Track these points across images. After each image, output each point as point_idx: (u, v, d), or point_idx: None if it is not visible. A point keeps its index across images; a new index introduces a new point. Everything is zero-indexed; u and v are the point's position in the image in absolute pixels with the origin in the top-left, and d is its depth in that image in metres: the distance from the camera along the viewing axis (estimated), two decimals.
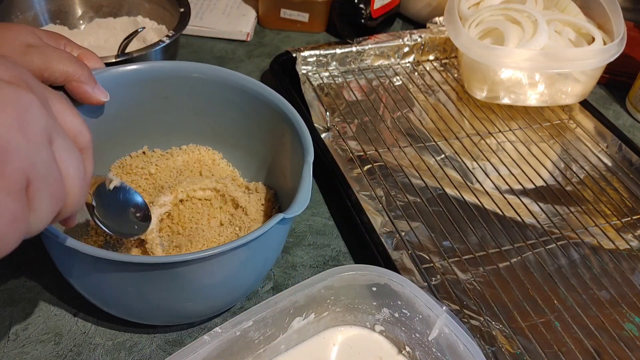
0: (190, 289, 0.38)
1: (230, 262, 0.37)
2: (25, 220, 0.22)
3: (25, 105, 0.22)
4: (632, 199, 0.59)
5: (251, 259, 0.39)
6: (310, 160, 0.42)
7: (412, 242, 0.51)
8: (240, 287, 0.42)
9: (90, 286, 0.39)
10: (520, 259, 0.51)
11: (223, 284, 0.40)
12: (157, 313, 0.41)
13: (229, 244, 0.35)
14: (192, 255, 0.35)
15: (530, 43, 0.62)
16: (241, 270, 0.39)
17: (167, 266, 0.35)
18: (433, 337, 0.38)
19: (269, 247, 0.41)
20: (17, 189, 0.21)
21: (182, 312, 0.42)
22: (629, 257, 0.52)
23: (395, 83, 0.72)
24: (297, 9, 0.79)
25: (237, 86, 0.48)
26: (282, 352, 0.41)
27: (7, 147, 0.20)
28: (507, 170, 0.60)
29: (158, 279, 0.36)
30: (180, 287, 0.37)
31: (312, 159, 0.42)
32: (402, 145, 0.62)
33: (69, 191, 0.24)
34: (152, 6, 0.70)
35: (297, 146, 0.44)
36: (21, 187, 0.21)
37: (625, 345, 0.45)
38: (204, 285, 0.38)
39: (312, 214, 0.56)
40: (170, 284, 0.37)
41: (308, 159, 0.42)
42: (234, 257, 0.37)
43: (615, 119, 0.71)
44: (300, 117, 0.45)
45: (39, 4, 0.67)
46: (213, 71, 0.48)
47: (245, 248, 0.36)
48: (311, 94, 0.67)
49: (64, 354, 0.42)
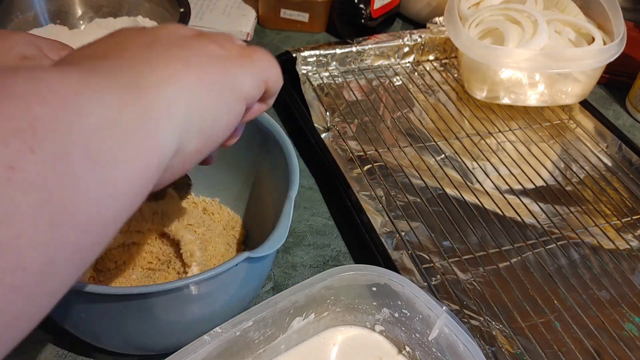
0: (150, 322, 0.36)
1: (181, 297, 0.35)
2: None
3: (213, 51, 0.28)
4: (632, 199, 0.59)
5: (213, 298, 0.37)
6: (292, 195, 0.38)
7: (412, 242, 0.51)
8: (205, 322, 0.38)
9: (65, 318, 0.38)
10: (520, 259, 0.51)
11: (186, 320, 0.37)
12: (120, 341, 0.39)
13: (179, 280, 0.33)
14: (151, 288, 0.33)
15: (530, 43, 0.62)
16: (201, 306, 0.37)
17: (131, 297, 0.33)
18: (433, 337, 0.38)
19: (235, 285, 0.38)
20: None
21: (140, 343, 0.40)
22: (629, 257, 0.52)
23: (395, 83, 0.72)
24: (297, 9, 0.79)
25: None
26: (282, 352, 0.41)
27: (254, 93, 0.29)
28: (507, 170, 0.60)
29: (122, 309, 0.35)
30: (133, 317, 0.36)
31: (294, 194, 0.39)
32: (402, 145, 0.62)
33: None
34: (152, 6, 0.70)
35: (281, 176, 0.41)
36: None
37: (625, 345, 0.45)
38: (165, 320, 0.37)
39: (312, 214, 0.56)
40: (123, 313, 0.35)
41: (290, 193, 0.39)
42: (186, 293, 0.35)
43: (615, 119, 0.71)
44: (291, 145, 0.42)
45: (39, 4, 0.67)
46: None
47: (203, 284, 0.34)
48: (311, 94, 0.67)
49: (64, 353, 0.42)
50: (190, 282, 0.33)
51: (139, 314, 0.35)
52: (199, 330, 0.35)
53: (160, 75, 0.24)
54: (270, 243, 0.35)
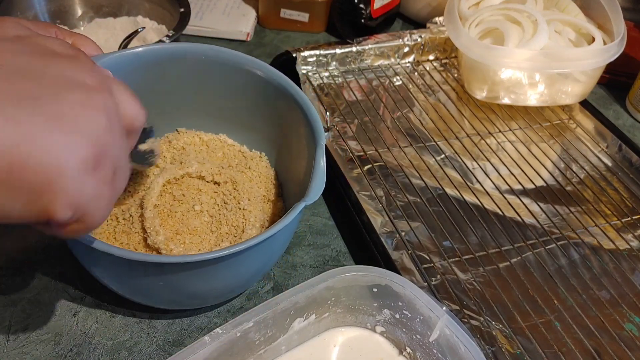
0: (213, 279, 0.39)
1: (254, 254, 0.38)
2: (114, 201, 0.27)
3: (110, 108, 0.26)
4: (632, 199, 0.59)
5: (270, 249, 0.40)
6: (322, 144, 0.41)
7: (412, 242, 0.51)
8: (254, 275, 0.44)
9: (114, 281, 0.40)
10: (520, 259, 0.51)
11: (243, 273, 0.41)
12: (174, 300, 0.42)
13: (254, 238, 0.36)
14: (223, 251, 0.35)
15: (530, 43, 0.62)
16: (258, 259, 0.40)
17: (197, 264, 0.36)
18: (434, 339, 0.39)
19: (287, 236, 0.43)
20: (109, 179, 0.26)
21: (200, 297, 0.42)
22: (629, 257, 0.52)
23: (395, 83, 0.72)
24: (297, 9, 0.79)
25: (239, 66, 0.47)
26: (282, 353, 0.41)
27: (105, 148, 0.25)
28: (507, 170, 0.60)
29: (185, 274, 0.37)
30: (203, 279, 0.38)
31: (324, 142, 0.41)
32: (402, 145, 0.62)
33: None
34: (152, 6, 0.70)
35: (308, 130, 0.43)
36: (112, 177, 0.26)
37: (625, 345, 0.45)
38: (227, 276, 0.39)
39: (312, 214, 0.56)
40: (196, 276, 0.37)
41: (320, 142, 0.41)
42: (260, 248, 0.38)
43: (615, 119, 0.72)
44: (308, 100, 0.45)
45: (39, 4, 0.67)
46: (213, 51, 0.47)
47: (270, 240, 0.37)
48: (311, 94, 0.67)
49: (64, 354, 0.42)
50: (268, 236, 0.36)
51: (208, 273, 0.38)
52: (247, 282, 0.43)
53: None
54: (315, 190, 0.38)
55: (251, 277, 0.43)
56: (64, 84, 0.25)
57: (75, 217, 0.25)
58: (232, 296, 0.46)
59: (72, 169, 0.23)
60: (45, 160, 0.23)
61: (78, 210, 0.25)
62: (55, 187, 0.23)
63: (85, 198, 0.25)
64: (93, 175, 0.25)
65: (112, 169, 0.26)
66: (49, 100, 0.24)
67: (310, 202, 0.37)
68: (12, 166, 0.22)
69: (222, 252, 0.35)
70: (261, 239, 0.36)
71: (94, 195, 0.25)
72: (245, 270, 0.40)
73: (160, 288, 0.39)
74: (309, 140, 0.43)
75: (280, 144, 0.51)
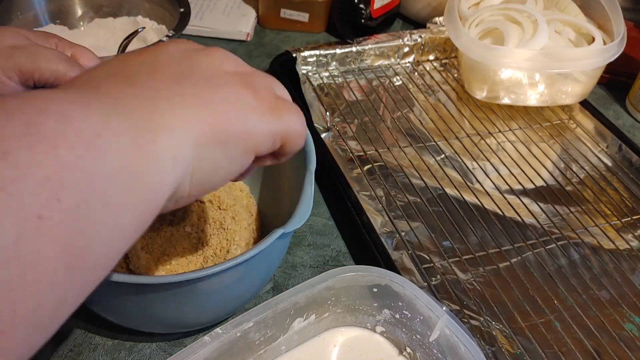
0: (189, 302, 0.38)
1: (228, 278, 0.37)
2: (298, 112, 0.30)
3: (258, 84, 0.28)
4: (632, 199, 0.59)
5: (250, 274, 0.38)
6: (312, 169, 0.40)
7: (412, 242, 0.51)
8: (237, 300, 0.42)
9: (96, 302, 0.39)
10: (520, 259, 0.51)
11: (220, 298, 0.39)
12: (159, 324, 0.41)
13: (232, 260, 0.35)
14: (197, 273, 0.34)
15: (530, 43, 0.62)
16: (239, 284, 0.39)
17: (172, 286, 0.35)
18: (434, 339, 0.38)
19: (269, 262, 0.41)
20: (274, 108, 0.28)
21: (182, 322, 0.41)
22: (629, 257, 0.52)
23: (395, 83, 0.72)
24: (297, 9, 0.79)
25: None
26: (282, 353, 0.41)
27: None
28: (507, 170, 0.60)
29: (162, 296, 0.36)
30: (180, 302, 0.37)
31: (314, 168, 0.40)
32: (402, 145, 0.62)
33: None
34: (152, 6, 0.70)
35: (300, 153, 0.42)
36: (275, 105, 0.28)
37: (625, 345, 0.45)
38: (203, 300, 0.38)
39: (312, 214, 0.56)
40: (172, 299, 0.36)
41: (310, 167, 0.40)
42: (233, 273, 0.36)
43: (615, 119, 0.71)
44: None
45: (39, 4, 0.67)
46: None
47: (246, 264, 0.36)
48: (311, 94, 0.67)
49: (64, 353, 0.42)
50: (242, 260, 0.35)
51: (189, 296, 0.37)
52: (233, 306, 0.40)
53: (175, 118, 0.24)
54: (298, 217, 0.37)
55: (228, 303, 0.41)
56: (217, 78, 0.27)
57: (278, 143, 0.28)
58: (216, 321, 0.44)
59: (253, 120, 0.27)
60: (242, 129, 0.26)
61: (276, 138, 0.28)
62: (252, 136, 0.27)
63: (273, 129, 0.27)
64: (264, 115, 0.27)
65: (271, 101, 0.28)
66: (210, 88, 0.26)
67: (289, 230, 0.36)
68: (228, 136, 0.25)
69: (184, 277, 0.34)
70: (226, 267, 0.34)
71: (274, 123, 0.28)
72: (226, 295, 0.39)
73: (131, 310, 0.37)
74: (301, 164, 0.42)
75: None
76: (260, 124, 0.27)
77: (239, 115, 0.26)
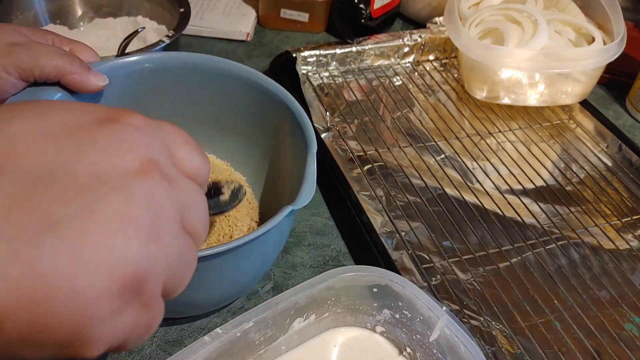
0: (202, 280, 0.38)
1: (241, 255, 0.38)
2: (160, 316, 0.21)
3: (158, 201, 0.20)
4: (632, 199, 0.59)
5: (260, 251, 0.40)
6: (313, 151, 0.41)
7: (412, 242, 0.51)
8: (244, 280, 0.43)
9: None
10: (520, 259, 0.51)
11: (230, 277, 0.40)
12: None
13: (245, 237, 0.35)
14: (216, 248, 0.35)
15: (530, 43, 0.62)
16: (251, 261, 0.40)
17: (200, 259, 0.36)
18: (434, 339, 0.39)
19: (277, 239, 0.42)
20: (155, 300, 0.20)
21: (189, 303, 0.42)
22: (629, 257, 0.52)
23: (395, 83, 0.72)
24: (297, 9, 0.79)
25: (233, 75, 0.47)
26: (282, 353, 0.41)
27: (147, 272, 0.19)
28: (507, 170, 0.60)
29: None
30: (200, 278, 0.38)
31: (315, 150, 0.41)
32: (402, 145, 0.62)
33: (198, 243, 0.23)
34: (152, 6, 0.70)
35: (299, 137, 0.44)
36: (159, 296, 0.20)
37: (625, 345, 0.45)
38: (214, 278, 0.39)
39: (312, 214, 0.56)
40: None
41: (312, 149, 0.41)
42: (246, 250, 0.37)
43: (615, 119, 0.71)
44: (300, 107, 0.45)
45: (39, 4, 0.67)
46: (210, 61, 0.48)
47: (258, 241, 0.36)
48: (311, 94, 0.67)
49: None
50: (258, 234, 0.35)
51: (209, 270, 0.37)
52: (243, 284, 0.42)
53: None
54: (304, 196, 0.38)
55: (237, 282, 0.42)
56: (97, 186, 0.19)
57: (113, 347, 0.20)
58: (224, 304, 0.45)
59: (103, 309, 0.19)
60: (69, 311, 0.18)
61: (114, 344, 0.20)
62: (84, 336, 0.18)
63: (122, 333, 0.20)
64: (131, 303, 0.19)
65: (160, 287, 0.20)
66: (76, 224, 0.18)
67: (298, 207, 0.37)
68: (34, 319, 0.18)
69: (205, 252, 0.34)
70: (246, 240, 0.35)
71: (134, 324, 0.20)
72: (237, 273, 0.40)
73: None
74: (301, 147, 0.43)
75: (273, 150, 0.50)
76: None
77: None
